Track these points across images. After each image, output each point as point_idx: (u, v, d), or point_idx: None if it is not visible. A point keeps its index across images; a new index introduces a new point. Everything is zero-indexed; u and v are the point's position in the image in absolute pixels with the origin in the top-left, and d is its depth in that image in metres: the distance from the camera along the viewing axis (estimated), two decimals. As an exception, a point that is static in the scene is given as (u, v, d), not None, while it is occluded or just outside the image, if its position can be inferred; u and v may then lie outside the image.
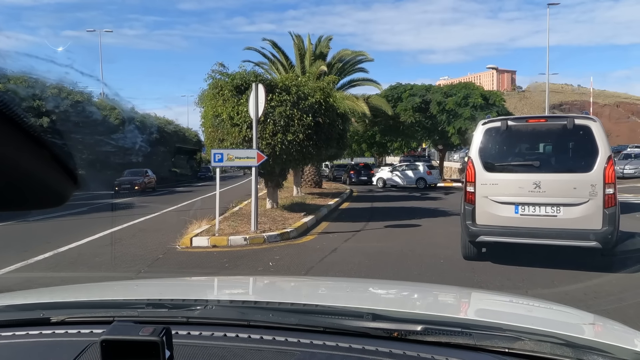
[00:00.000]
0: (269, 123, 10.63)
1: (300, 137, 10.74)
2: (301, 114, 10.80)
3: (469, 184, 6.52)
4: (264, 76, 10.93)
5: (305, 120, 10.78)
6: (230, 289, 2.08)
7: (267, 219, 11.20)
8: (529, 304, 1.86)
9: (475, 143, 6.57)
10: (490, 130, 6.53)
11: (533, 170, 6.34)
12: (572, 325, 1.52)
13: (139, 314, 1.32)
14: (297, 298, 1.76)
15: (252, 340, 1.15)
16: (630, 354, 1.12)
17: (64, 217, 14.33)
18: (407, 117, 32.01)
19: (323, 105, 11.28)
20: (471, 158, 6.57)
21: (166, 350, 0.89)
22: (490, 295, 2.38)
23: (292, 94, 10.85)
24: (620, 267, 6.49)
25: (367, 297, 1.91)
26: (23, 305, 1.50)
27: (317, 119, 11.09)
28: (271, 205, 12.84)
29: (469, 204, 6.50)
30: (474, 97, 30.16)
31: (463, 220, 6.63)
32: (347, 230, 10.62)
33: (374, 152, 47.35)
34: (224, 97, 10.85)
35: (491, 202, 6.37)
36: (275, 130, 10.66)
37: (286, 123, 10.71)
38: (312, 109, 11.03)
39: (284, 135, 10.68)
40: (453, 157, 45.18)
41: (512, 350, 1.12)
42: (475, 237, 6.47)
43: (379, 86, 25.20)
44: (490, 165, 6.48)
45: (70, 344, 1.15)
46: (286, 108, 10.70)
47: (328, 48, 22.12)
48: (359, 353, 1.09)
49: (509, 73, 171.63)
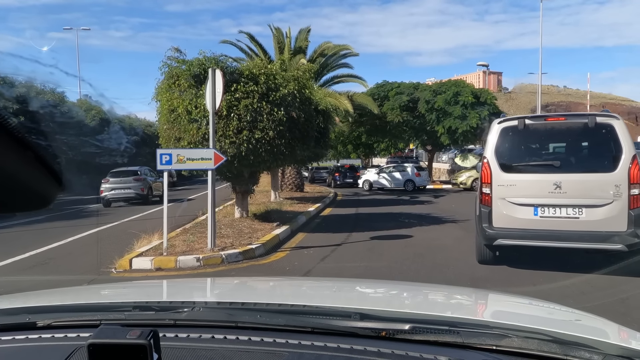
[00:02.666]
0: (233, 118, 8.99)
1: (270, 134, 9.11)
2: (271, 107, 9.17)
3: (485, 185, 6.27)
4: (227, 63, 9.30)
5: (276, 114, 9.16)
6: (217, 290, 2.04)
7: (233, 232, 9.54)
8: (516, 302, 1.86)
9: (491, 143, 6.33)
10: (507, 129, 6.30)
11: (553, 170, 6.10)
12: (558, 322, 1.52)
13: (126, 316, 1.30)
14: (285, 299, 1.73)
15: (240, 342, 1.15)
16: (616, 348, 1.13)
17: (8, 227, 12.52)
18: (394, 116, 30.53)
19: (298, 97, 9.67)
20: (487, 158, 6.31)
21: (154, 353, 0.89)
22: (478, 293, 2.21)
23: (260, 84, 9.22)
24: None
25: (355, 296, 1.89)
26: (8, 309, 1.47)
27: (291, 114, 9.47)
28: (240, 214, 11.18)
29: (485, 206, 6.28)
30: (464, 95, 28.78)
31: (479, 223, 6.41)
32: (326, 243, 9.02)
33: (360, 153, 45.95)
34: (180, 89, 9.18)
35: (509, 203, 6.17)
36: (240, 127, 9.01)
37: (253, 118, 9.07)
38: (284, 102, 9.41)
39: (250, 133, 9.04)
40: (442, 158, 43.85)
41: (499, 348, 1.12)
42: (493, 240, 6.25)
43: (364, 83, 23.65)
44: (507, 166, 6.25)
45: (57, 348, 1.14)
46: (253, 100, 9.07)
47: (307, 41, 20.50)
48: (347, 353, 1.09)
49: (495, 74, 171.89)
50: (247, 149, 9.06)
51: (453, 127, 28.57)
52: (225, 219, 11.52)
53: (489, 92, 30.53)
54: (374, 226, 11.39)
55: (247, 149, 9.05)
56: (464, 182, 25.48)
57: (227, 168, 9.51)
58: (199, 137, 9.00)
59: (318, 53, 21.27)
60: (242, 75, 9.18)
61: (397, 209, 15.97)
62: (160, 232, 9.22)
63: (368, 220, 12.99)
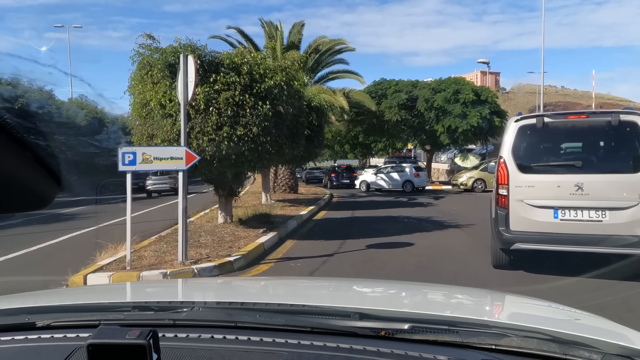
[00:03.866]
0: (212, 113, 7.99)
1: (254, 131, 8.12)
2: (255, 100, 8.18)
3: (502, 186, 6.06)
4: (205, 51, 8.31)
5: (260, 109, 8.17)
6: (216, 290, 2.03)
7: (213, 240, 8.55)
8: (516, 301, 1.86)
9: (508, 142, 6.11)
10: (524, 127, 6.08)
11: (574, 170, 5.88)
12: (558, 321, 1.52)
13: (125, 317, 1.29)
14: (284, 298, 1.72)
15: (240, 342, 1.14)
16: (615, 348, 1.12)
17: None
18: (392, 115, 29.58)
19: (285, 90, 8.68)
20: (503, 158, 6.07)
21: (153, 353, 0.89)
22: (477, 293, 2.18)
23: (243, 74, 8.23)
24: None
25: (354, 296, 1.89)
26: (7, 310, 1.47)
27: (278, 108, 8.48)
28: (224, 219, 10.18)
29: (502, 208, 6.07)
30: (464, 92, 27.85)
31: (495, 226, 6.21)
32: (316, 253, 8.04)
33: (357, 153, 45.02)
34: (153, 80, 8.18)
35: (527, 206, 5.95)
36: (220, 123, 8.01)
37: (235, 113, 8.08)
38: (270, 95, 8.42)
39: (232, 129, 8.04)
40: (440, 158, 42.95)
41: (498, 347, 1.12)
42: (510, 244, 6.02)
43: (361, 80, 22.66)
44: (525, 166, 6.02)
45: (57, 349, 1.14)
46: (235, 93, 8.07)
47: (300, 35, 19.50)
48: (347, 352, 1.09)
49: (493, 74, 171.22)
50: (228, 147, 8.06)
51: (453, 126, 27.66)
52: (209, 224, 10.54)
53: (490, 90, 29.61)
54: (370, 232, 10.41)
55: (228, 147, 8.05)
56: (464, 183, 24.54)
57: (207, 169, 8.51)
58: (174, 134, 8.00)
59: (312, 48, 20.29)
60: (222, 65, 8.19)
61: (396, 212, 15.00)
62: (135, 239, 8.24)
63: (364, 226, 12.00)
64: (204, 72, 8.10)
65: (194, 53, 7.94)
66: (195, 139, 8.03)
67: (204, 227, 10.14)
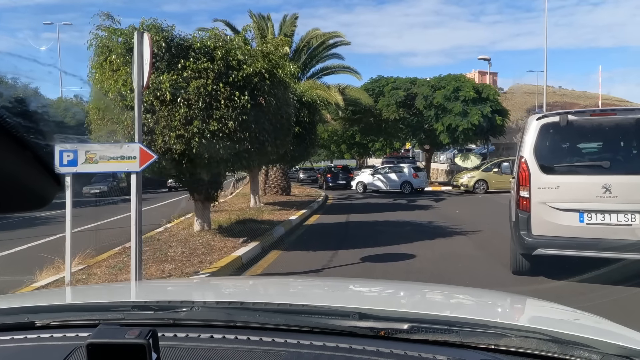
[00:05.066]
0: (180, 104, 6.84)
1: (230, 125, 6.97)
2: (231, 90, 7.04)
3: (523, 188, 5.83)
4: (172, 32, 7.16)
5: (237, 100, 7.03)
6: (216, 290, 2.02)
7: (183, 252, 7.40)
8: (515, 301, 1.83)
9: (529, 141, 5.87)
10: (547, 126, 5.85)
11: (601, 171, 5.62)
12: (557, 321, 1.52)
13: (124, 316, 1.29)
14: (284, 298, 1.71)
15: (239, 341, 1.14)
16: (614, 348, 1.12)
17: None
18: (390, 113, 28.44)
19: (268, 79, 7.53)
20: (524, 158, 5.83)
21: (153, 352, 0.88)
22: (476, 293, 2.12)
23: (217, 60, 7.08)
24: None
25: (354, 296, 1.89)
26: (7, 309, 1.46)
27: (258, 100, 7.34)
28: (201, 226, 9.02)
29: (523, 211, 5.83)
30: (465, 90, 26.72)
31: (515, 230, 5.97)
32: (303, 268, 6.89)
33: (354, 153, 43.92)
34: (112, 66, 7.03)
35: (550, 209, 5.71)
36: (190, 116, 6.87)
37: (207, 104, 6.94)
38: (249, 84, 7.28)
39: (204, 124, 6.90)
40: (439, 158, 41.83)
41: (498, 347, 1.12)
42: (532, 249, 5.75)
43: (357, 75, 21.56)
44: (548, 167, 5.78)
45: (56, 348, 1.14)
46: (207, 81, 6.93)
47: (294, 27, 18.34)
48: (346, 352, 1.09)
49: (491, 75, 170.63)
50: (200, 144, 6.91)
51: (453, 125, 26.53)
52: (184, 232, 9.39)
53: (492, 88, 28.49)
54: (366, 240, 9.27)
55: (199, 144, 6.91)
56: (465, 184, 23.42)
57: (177, 169, 7.36)
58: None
59: (305, 41, 19.13)
60: (192, 49, 7.04)
61: (394, 216, 13.86)
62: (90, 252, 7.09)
63: (360, 232, 10.87)
64: (171, 57, 6.96)
65: (158, 35, 6.81)
66: (160, 135, 6.89)
67: (178, 236, 8.99)
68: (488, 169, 23.62)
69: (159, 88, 6.78)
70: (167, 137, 6.85)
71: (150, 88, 6.79)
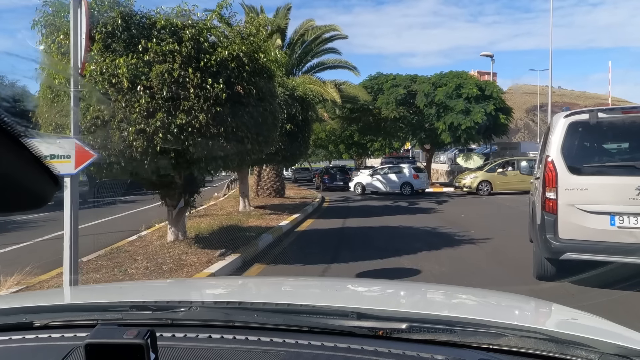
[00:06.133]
0: (141, 94, 5.73)
1: (200, 118, 5.87)
2: (203, 77, 5.94)
3: (549, 189, 5.56)
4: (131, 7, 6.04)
5: (210, 89, 5.93)
6: (214, 290, 2.03)
7: (146, 269, 6.28)
8: (513, 300, 1.82)
9: (556, 140, 5.61)
10: (575, 124, 5.59)
11: (634, 172, 5.32)
12: (555, 321, 1.53)
13: (122, 316, 1.28)
14: (282, 298, 1.72)
15: (237, 341, 1.14)
16: (612, 347, 1.12)
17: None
18: (390, 111, 27.31)
19: (247, 65, 6.42)
20: (551, 157, 5.58)
21: (151, 352, 0.88)
22: (475, 292, 2.13)
23: (185, 41, 5.97)
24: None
25: (352, 296, 1.89)
26: (5, 309, 1.45)
27: (236, 88, 6.23)
28: (174, 236, 7.89)
29: (550, 214, 5.56)
30: (467, 87, 25.58)
31: (540, 233, 5.65)
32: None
33: (352, 153, 42.86)
34: (62, 49, 5.91)
35: (579, 211, 5.44)
36: (153, 107, 5.76)
37: (174, 94, 5.83)
38: (224, 71, 6.17)
39: (169, 116, 5.80)
40: (439, 159, 40.73)
41: (496, 347, 1.12)
42: (559, 254, 5.46)
43: (355, 72, 20.43)
44: (577, 167, 5.52)
45: (54, 349, 1.14)
46: (174, 66, 5.83)
47: (287, 19, 17.21)
48: (345, 352, 1.09)
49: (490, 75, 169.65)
50: (165, 141, 5.81)
51: (455, 124, 25.40)
52: (157, 242, 8.28)
53: (495, 85, 27.32)
54: (363, 251, 8.17)
55: (164, 140, 5.80)
56: (468, 185, 22.34)
57: (138, 171, 6.24)
58: (89, 123, 5.75)
59: (299, 34, 18.01)
60: (154, 27, 5.93)
61: (394, 221, 12.76)
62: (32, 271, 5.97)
63: (356, 241, 9.75)
64: (130, 37, 5.85)
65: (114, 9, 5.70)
66: (117, 129, 5.78)
67: (149, 247, 7.88)
68: (492, 169, 22.53)
69: (115, 74, 5.67)
70: (126, 133, 5.75)
71: (105, 74, 5.69)
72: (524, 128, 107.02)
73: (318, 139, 39.44)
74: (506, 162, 22.88)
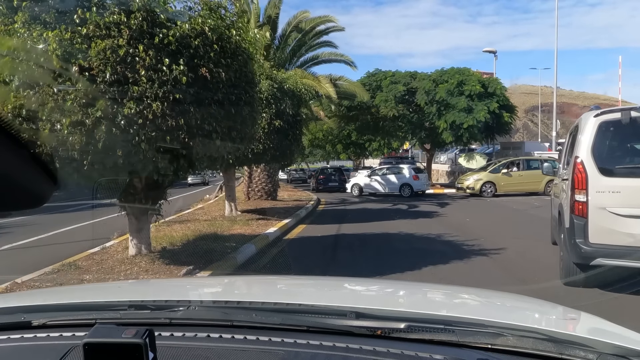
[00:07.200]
0: (77, 76, 4.55)
1: (155, 108, 4.70)
2: (158, 56, 4.77)
3: (579, 191, 5.40)
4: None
5: (167, 71, 4.77)
6: (213, 289, 2.02)
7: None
8: (512, 300, 1.83)
9: (586, 140, 5.45)
10: (607, 123, 5.45)
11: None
12: (554, 321, 1.55)
13: (121, 315, 1.29)
14: (280, 297, 1.69)
15: (236, 341, 1.14)
16: (611, 347, 1.12)
17: None
18: (388, 109, 26.13)
19: (216, 44, 5.25)
20: (580, 158, 5.41)
21: (149, 352, 0.88)
22: (474, 292, 2.11)
23: (135, 11, 4.79)
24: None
25: (350, 295, 1.89)
26: (3, 308, 1.44)
27: (200, 71, 5.05)
28: (137, 249, 6.69)
29: (579, 217, 5.38)
30: (470, 84, 24.41)
31: (569, 237, 5.46)
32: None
33: (350, 153, 41.72)
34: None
35: (611, 215, 5.24)
36: (93, 93, 4.58)
37: (121, 76, 4.66)
38: (186, 49, 5.00)
39: (114, 105, 4.63)
40: (439, 159, 39.59)
41: (494, 346, 1.12)
42: (590, 259, 5.27)
43: (352, 66, 19.24)
44: (609, 168, 5.35)
45: (53, 348, 1.14)
46: (120, 42, 4.66)
47: (278, 9, 16.03)
48: (343, 351, 1.09)
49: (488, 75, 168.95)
50: (109, 136, 4.63)
51: (457, 122, 24.22)
52: (118, 255, 7.10)
53: (498, 82, 26.16)
54: (359, 266, 7.02)
55: (107, 136, 4.63)
56: (471, 187, 21.21)
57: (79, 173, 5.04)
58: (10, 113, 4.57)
59: (293, 26, 16.83)
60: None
61: (394, 226, 11.60)
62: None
63: (351, 252, 8.59)
64: (63, 4, 4.66)
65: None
66: (48, 121, 4.60)
67: (107, 262, 6.71)
68: (496, 170, 21.39)
69: (44, 51, 4.49)
70: (59, 125, 4.57)
71: (30, 51, 4.51)
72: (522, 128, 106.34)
73: (315, 139, 38.34)
74: (511, 163, 21.76)
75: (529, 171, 20.98)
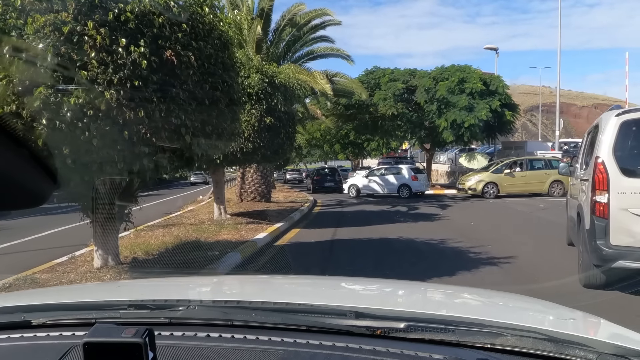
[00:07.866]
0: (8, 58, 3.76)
1: (108, 97, 3.91)
2: (113, 36, 3.98)
3: (600, 192, 5.34)
4: None
5: (124, 53, 3.97)
6: (213, 288, 1.99)
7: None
8: (512, 300, 1.83)
9: (607, 140, 5.40)
10: (629, 123, 5.38)
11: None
12: (553, 320, 1.53)
13: (121, 315, 1.29)
14: (280, 297, 1.66)
15: (236, 340, 1.14)
16: (610, 347, 1.12)
17: None
18: (387, 108, 25.37)
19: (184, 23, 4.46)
20: (601, 159, 5.37)
21: (149, 351, 0.88)
22: (473, 292, 2.13)
23: (85, -19, 4.00)
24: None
25: (350, 295, 1.89)
26: (3, 308, 1.43)
27: (166, 54, 4.26)
28: (103, 261, 5.88)
29: (600, 218, 5.32)
30: (471, 81, 23.66)
31: (590, 239, 5.39)
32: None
33: (348, 153, 40.97)
34: None
35: (633, 216, 5.16)
36: (29, 79, 3.79)
37: (66, 59, 3.87)
38: (149, 28, 4.21)
39: (57, 94, 3.84)
40: (439, 159, 38.83)
41: (494, 346, 1.12)
42: (611, 261, 5.17)
43: (350, 61, 18.46)
44: (631, 169, 5.29)
45: (53, 347, 1.13)
46: (65, 17, 3.87)
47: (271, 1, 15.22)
48: (343, 351, 1.09)
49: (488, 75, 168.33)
50: (51, 130, 3.84)
51: (458, 121, 23.47)
52: (82, 267, 6.31)
53: (500, 79, 25.39)
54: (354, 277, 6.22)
55: (49, 130, 3.83)
56: (473, 188, 20.45)
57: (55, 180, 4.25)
58: None
59: (287, 19, 16.04)
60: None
61: (393, 231, 10.81)
62: None
63: (347, 261, 7.80)
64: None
65: None
66: (-24, 113, 3.79)
67: (69, 275, 5.93)
68: (498, 170, 20.64)
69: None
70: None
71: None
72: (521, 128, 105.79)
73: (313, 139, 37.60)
74: (513, 163, 21.02)
75: (533, 171, 20.28)
